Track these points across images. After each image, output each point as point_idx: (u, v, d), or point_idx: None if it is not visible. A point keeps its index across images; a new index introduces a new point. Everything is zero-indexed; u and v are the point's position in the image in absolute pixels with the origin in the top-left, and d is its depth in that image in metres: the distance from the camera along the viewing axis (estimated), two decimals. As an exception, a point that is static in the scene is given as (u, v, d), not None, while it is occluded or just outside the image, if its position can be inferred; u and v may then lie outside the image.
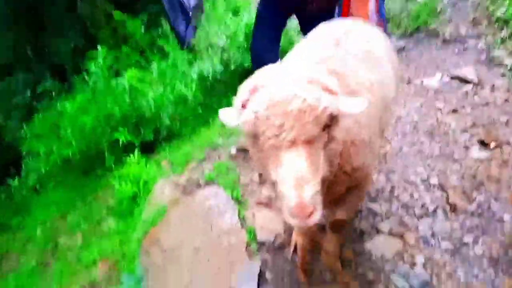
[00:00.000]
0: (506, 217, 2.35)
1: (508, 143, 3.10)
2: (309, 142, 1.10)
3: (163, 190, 2.98)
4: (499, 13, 5.08)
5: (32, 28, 6.18)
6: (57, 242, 3.58)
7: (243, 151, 3.27)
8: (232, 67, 4.95)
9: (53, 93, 5.16)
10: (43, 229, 3.79)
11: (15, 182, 4.32)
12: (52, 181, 4.16)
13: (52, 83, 5.43)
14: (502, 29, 4.92)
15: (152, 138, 3.93)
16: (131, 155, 3.41)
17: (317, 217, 1.07)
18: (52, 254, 3.52)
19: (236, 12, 6.13)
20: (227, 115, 1.26)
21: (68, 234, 3.53)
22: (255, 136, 1.15)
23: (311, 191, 1.05)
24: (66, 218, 3.76)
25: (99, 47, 3.80)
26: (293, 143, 1.08)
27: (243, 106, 1.18)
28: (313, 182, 1.07)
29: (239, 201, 2.67)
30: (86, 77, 3.98)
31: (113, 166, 3.69)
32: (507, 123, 3.42)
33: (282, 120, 1.08)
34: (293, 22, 4.09)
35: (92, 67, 3.84)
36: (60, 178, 4.17)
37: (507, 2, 5.08)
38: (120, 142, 3.71)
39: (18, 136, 4.67)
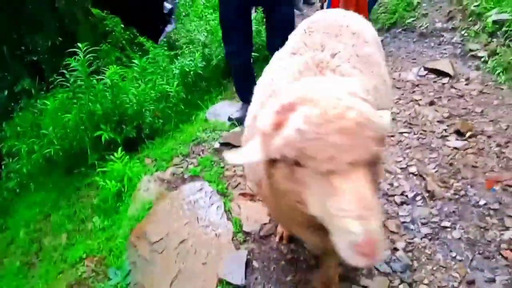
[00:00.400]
0: (481, 202, 2.45)
1: (482, 132, 3.22)
2: (366, 163, 0.94)
3: (148, 186, 2.99)
4: (473, 6, 5.23)
5: (7, 25, 6.05)
6: (41, 243, 3.55)
7: (226, 145, 3.31)
8: (214, 62, 4.97)
9: (33, 92, 5.08)
10: (26, 231, 3.74)
11: (-5, 187, 4.24)
12: (35, 182, 4.11)
13: (30, 81, 5.34)
14: (475, 22, 5.07)
15: (135, 135, 3.92)
16: (115, 153, 3.40)
17: (383, 253, 0.91)
18: (37, 255, 3.50)
19: (216, 8, 6.14)
20: (241, 152, 1.06)
21: (53, 234, 3.50)
22: (295, 163, 0.95)
23: (378, 223, 0.88)
24: (50, 219, 3.73)
25: (79, 44, 3.76)
26: (352, 165, 0.91)
27: (277, 127, 0.98)
28: (377, 212, 0.90)
29: (224, 194, 2.70)
30: (66, 74, 3.93)
31: (96, 164, 3.67)
32: (481, 113, 3.54)
33: (338, 138, 0.90)
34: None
35: (73, 63, 3.80)
36: (43, 177, 4.12)
37: (480, -4, 5.23)
38: (103, 140, 3.70)
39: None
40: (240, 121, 3.57)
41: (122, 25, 5.74)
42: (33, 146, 3.82)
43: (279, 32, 2.73)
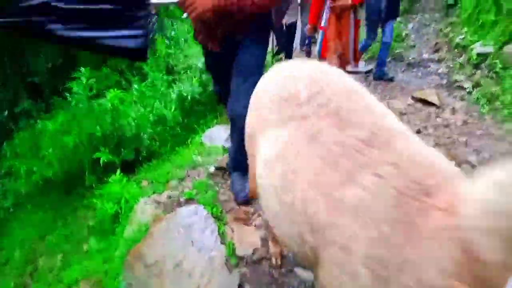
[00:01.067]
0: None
1: (466, 161, 3.38)
2: None
3: (144, 209, 3.09)
4: (458, 39, 5.50)
5: (8, 46, 6.18)
6: (36, 264, 3.60)
7: (221, 169, 3.43)
8: (210, 87, 5.14)
9: (33, 113, 5.20)
10: (22, 251, 3.79)
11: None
12: (32, 201, 4.18)
13: (31, 103, 5.46)
14: (461, 54, 5.32)
15: (133, 157, 4.03)
16: (113, 175, 3.50)
17: None
18: (31, 276, 3.54)
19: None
20: None
21: (48, 255, 3.56)
22: None
23: None
24: (45, 239, 3.79)
25: (82, 68, 3.91)
26: None
27: None
28: None
29: (218, 218, 2.81)
30: (68, 97, 4.07)
31: (94, 185, 3.77)
32: (466, 143, 3.71)
33: None
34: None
35: (75, 87, 3.94)
36: (40, 197, 4.19)
37: (465, 29, 5.51)
38: (101, 162, 3.81)
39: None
40: None
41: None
42: (32, 167, 3.92)
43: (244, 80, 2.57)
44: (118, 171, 3.56)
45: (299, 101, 1.36)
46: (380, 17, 5.01)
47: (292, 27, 6.06)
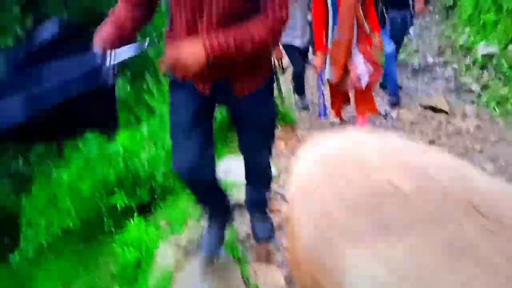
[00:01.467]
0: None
1: (483, 170, 3.32)
2: None
3: (165, 253, 3.09)
4: (461, 41, 5.44)
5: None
6: (63, 314, 3.63)
7: (239, 206, 3.41)
8: (219, 117, 5.13)
9: (46, 158, 5.27)
10: (49, 303, 3.83)
11: (16, 257, 4.36)
12: (53, 251, 4.23)
13: (44, 147, 5.54)
14: (465, 56, 5.25)
15: (148, 198, 4.05)
16: (130, 219, 3.52)
17: None
18: (59, 327, 3.57)
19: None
20: None
21: (74, 304, 3.59)
22: None
23: None
24: (71, 288, 3.82)
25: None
26: None
27: None
28: None
29: (239, 259, 2.79)
30: (80, 145, 4.12)
31: (113, 231, 3.79)
32: (480, 150, 3.65)
33: None
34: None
35: (87, 134, 3.99)
36: (61, 247, 4.23)
37: (467, 30, 5.45)
38: (118, 206, 3.83)
39: (14, 206, 4.75)
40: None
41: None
42: (52, 219, 3.97)
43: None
44: (135, 215, 3.57)
45: (405, 197, 0.96)
46: (405, 31, 4.88)
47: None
